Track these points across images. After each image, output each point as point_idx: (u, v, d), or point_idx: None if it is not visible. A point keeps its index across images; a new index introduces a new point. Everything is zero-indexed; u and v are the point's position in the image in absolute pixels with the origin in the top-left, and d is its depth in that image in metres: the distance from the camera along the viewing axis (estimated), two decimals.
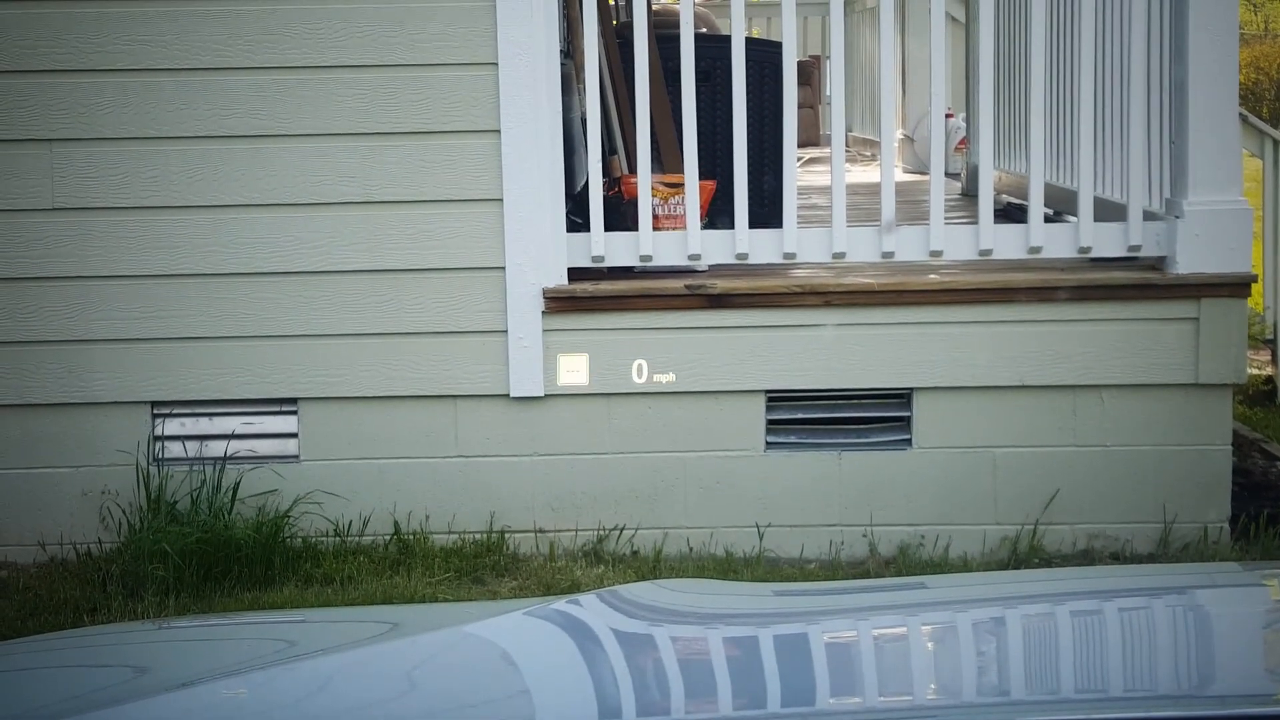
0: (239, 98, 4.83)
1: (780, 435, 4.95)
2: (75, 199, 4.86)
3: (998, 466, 4.90)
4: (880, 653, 1.99)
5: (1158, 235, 4.86)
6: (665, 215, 4.97)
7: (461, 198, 4.87)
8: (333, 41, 4.82)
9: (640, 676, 1.90)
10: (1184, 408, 4.87)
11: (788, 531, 4.93)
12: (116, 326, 4.90)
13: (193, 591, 4.57)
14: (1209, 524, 4.88)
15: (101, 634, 2.90)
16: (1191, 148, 4.77)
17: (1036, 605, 2.16)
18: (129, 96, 4.83)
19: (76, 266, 4.88)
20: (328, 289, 4.89)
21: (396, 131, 4.84)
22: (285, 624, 2.50)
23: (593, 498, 4.94)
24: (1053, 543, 4.89)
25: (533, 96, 4.81)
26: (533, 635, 2.09)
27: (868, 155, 10.32)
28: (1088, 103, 4.90)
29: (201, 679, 1.99)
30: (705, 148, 4.96)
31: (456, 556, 4.83)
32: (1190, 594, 2.18)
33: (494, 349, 4.90)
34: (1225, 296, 4.82)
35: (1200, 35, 4.74)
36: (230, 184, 4.86)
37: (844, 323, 4.88)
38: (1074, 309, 4.85)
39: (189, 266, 4.88)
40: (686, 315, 4.89)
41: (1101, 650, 1.94)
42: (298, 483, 4.93)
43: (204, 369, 4.91)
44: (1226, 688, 1.76)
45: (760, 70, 5.55)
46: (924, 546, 4.89)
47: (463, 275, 4.89)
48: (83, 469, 4.95)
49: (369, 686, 1.91)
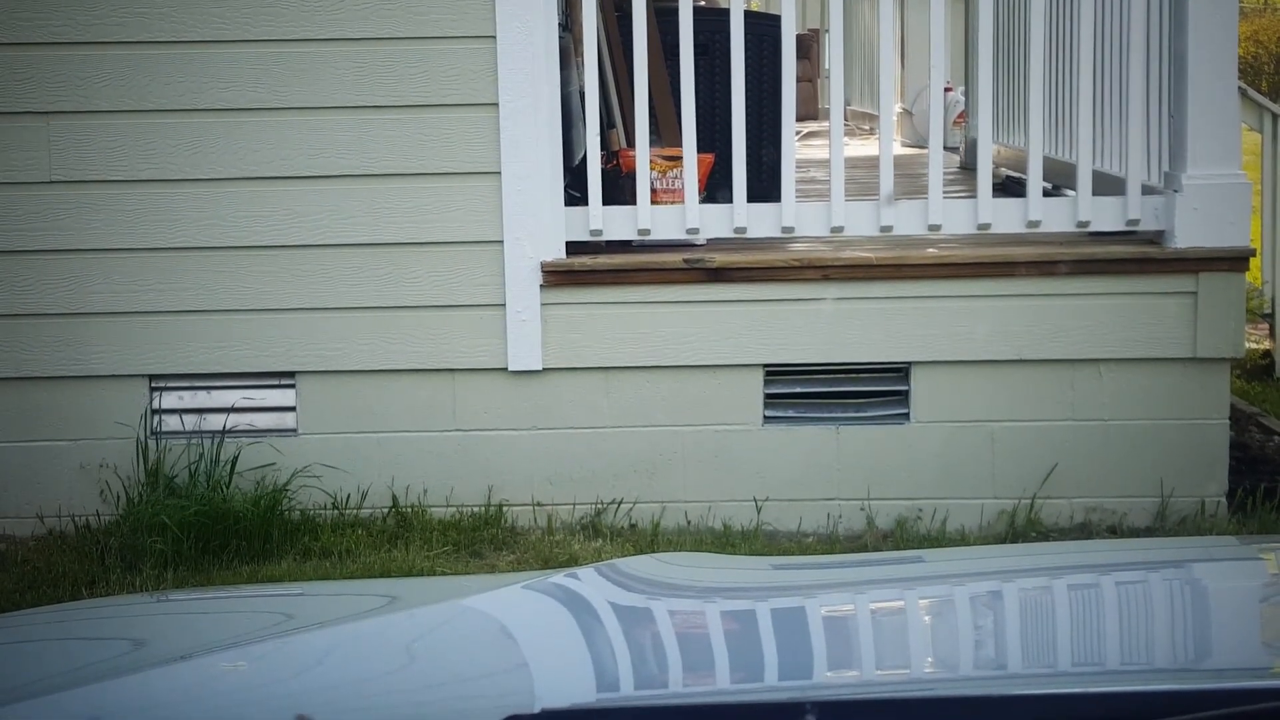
0: (237, 71, 4.82)
1: (778, 409, 4.95)
2: (73, 172, 4.85)
3: (995, 440, 4.91)
4: (878, 626, 1.99)
5: (1156, 209, 4.85)
6: (663, 189, 4.96)
7: (460, 171, 4.86)
8: (330, 14, 4.80)
9: (639, 650, 1.90)
10: (1182, 382, 4.87)
11: (785, 505, 4.93)
12: (114, 299, 4.89)
13: (191, 564, 4.58)
14: (1206, 498, 4.89)
15: (100, 607, 2.90)
16: (1190, 121, 4.77)
17: (1034, 579, 2.17)
18: (126, 69, 4.82)
19: (74, 240, 4.88)
20: (326, 262, 4.89)
21: (395, 105, 4.83)
22: (284, 597, 2.51)
23: (591, 471, 4.95)
24: (1050, 516, 4.90)
25: (531, 69, 4.80)
26: (531, 609, 2.09)
27: (866, 129, 10.31)
28: (1087, 76, 4.89)
29: (200, 652, 2.00)
30: (704, 121, 4.95)
31: (454, 530, 4.84)
32: (1187, 568, 2.18)
33: (492, 323, 4.89)
34: (1223, 270, 4.82)
35: (1200, 8, 4.73)
36: (228, 157, 4.85)
37: (842, 297, 4.88)
38: (1072, 283, 4.85)
39: (186, 240, 4.88)
40: (685, 289, 4.88)
41: (1099, 624, 1.95)
42: (296, 456, 4.93)
43: (202, 342, 4.91)
44: (1223, 661, 1.77)
45: (759, 44, 5.54)
46: (921, 520, 4.90)
47: (461, 249, 4.89)
48: (81, 442, 4.95)
49: (367, 659, 1.92)
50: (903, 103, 9.75)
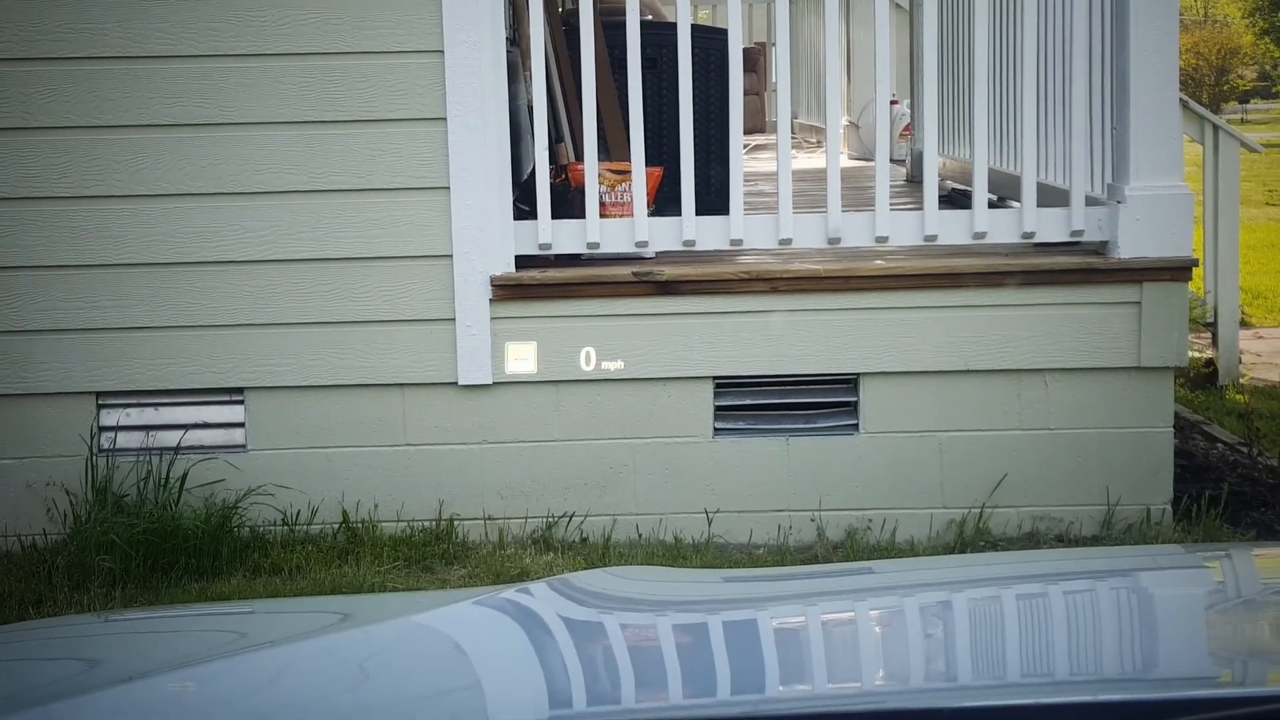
0: (183, 86, 4.80)
1: (728, 421, 4.97)
2: (15, 188, 4.82)
3: (944, 450, 4.94)
4: (830, 639, 2.00)
5: (1100, 220, 4.90)
6: (612, 202, 4.97)
7: (408, 186, 4.85)
8: (278, 29, 4.79)
9: (591, 665, 1.90)
10: (1127, 391, 4.92)
11: (736, 517, 4.95)
12: (59, 317, 4.86)
13: (140, 582, 4.55)
14: (1152, 506, 4.94)
15: (47, 627, 2.88)
16: (1133, 133, 4.82)
17: (982, 589, 2.18)
18: (71, 85, 4.79)
19: (17, 256, 4.84)
20: (274, 278, 4.87)
21: (342, 120, 4.82)
22: (234, 615, 2.49)
23: (542, 485, 4.94)
24: (998, 525, 4.93)
25: (479, 84, 4.80)
26: (483, 625, 2.09)
27: (813, 142, 10.35)
28: (1030, 89, 4.94)
29: (149, 672, 1.98)
30: (652, 135, 4.97)
31: (405, 545, 4.82)
32: (1134, 576, 2.20)
33: (442, 337, 4.89)
34: (1167, 280, 4.87)
35: (1141, 21, 4.78)
36: (174, 173, 4.82)
37: (791, 309, 4.90)
38: (1018, 294, 4.89)
39: (132, 256, 4.85)
40: (634, 302, 4.89)
41: (1047, 634, 1.96)
42: (245, 472, 4.91)
43: (149, 359, 4.88)
44: (1170, 670, 1.79)
45: (706, 57, 5.56)
46: (871, 530, 4.93)
47: (410, 263, 4.88)
48: (26, 460, 4.91)
49: (318, 679, 1.91)
50: (849, 115, 9.80)
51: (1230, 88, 37.43)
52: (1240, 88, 38.98)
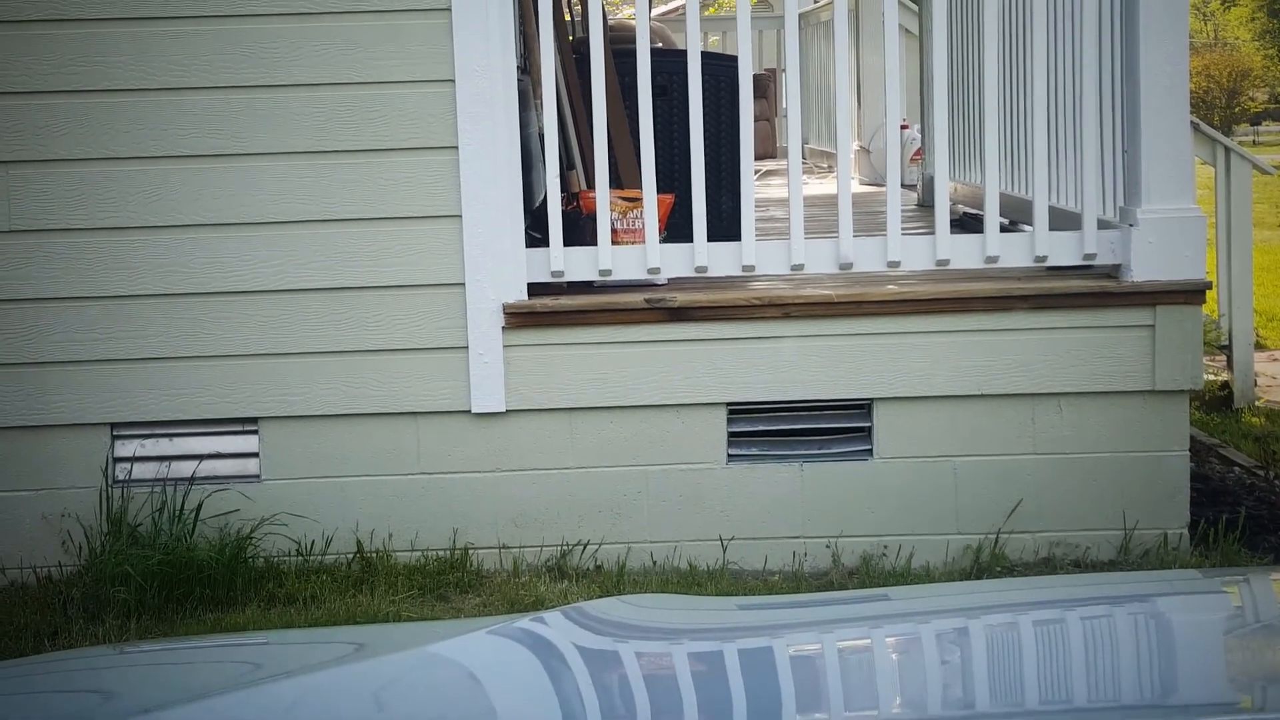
0: (196, 118, 4.82)
1: (742, 448, 4.96)
2: (32, 221, 4.84)
3: (959, 476, 4.93)
4: (846, 666, 1.99)
5: (1112, 243, 4.89)
6: (624, 229, 4.98)
7: (420, 214, 4.86)
8: (290, 60, 4.81)
9: (607, 695, 1.90)
10: (1142, 414, 4.90)
11: (751, 544, 4.93)
12: (74, 348, 4.87)
13: (155, 614, 4.54)
14: (1169, 530, 4.92)
15: (62, 659, 2.88)
16: (1144, 156, 4.82)
17: (999, 616, 2.17)
18: (85, 118, 4.81)
19: (33, 289, 4.85)
20: (287, 307, 4.88)
21: (354, 149, 4.83)
22: (248, 646, 2.49)
23: (555, 513, 4.94)
24: (1014, 551, 4.91)
25: (490, 112, 4.81)
26: (499, 654, 2.08)
27: (824, 167, 10.36)
28: (1041, 113, 4.94)
29: (165, 704, 1.98)
30: (663, 162, 4.98)
31: (420, 574, 4.82)
32: (1152, 602, 2.19)
33: (455, 365, 4.89)
34: (1180, 303, 4.86)
35: (1151, 44, 4.78)
36: (188, 204, 4.84)
37: (804, 334, 4.89)
38: (1031, 317, 4.88)
39: (146, 287, 4.86)
40: (646, 329, 4.89)
41: (1065, 661, 1.95)
42: (260, 502, 4.91)
43: (163, 390, 4.89)
44: (1190, 697, 1.78)
45: (717, 84, 5.57)
46: (887, 557, 4.91)
47: (423, 292, 4.89)
48: (42, 492, 4.92)
49: (333, 709, 1.90)
50: (860, 141, 9.81)
51: (1241, 110, 37.45)
52: (1251, 110, 39.00)
